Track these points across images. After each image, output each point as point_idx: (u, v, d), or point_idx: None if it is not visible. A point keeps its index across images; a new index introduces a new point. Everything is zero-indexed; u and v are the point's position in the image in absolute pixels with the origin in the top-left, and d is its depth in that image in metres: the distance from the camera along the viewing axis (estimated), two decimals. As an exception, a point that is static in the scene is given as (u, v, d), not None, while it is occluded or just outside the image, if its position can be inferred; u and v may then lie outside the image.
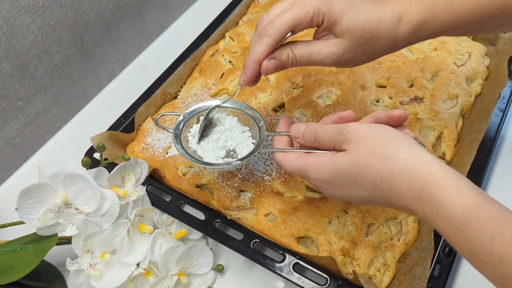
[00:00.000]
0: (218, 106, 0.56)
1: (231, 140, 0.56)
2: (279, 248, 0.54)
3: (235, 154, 0.55)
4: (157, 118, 0.59)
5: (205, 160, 0.54)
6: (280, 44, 0.47)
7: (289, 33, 0.46)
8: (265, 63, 0.47)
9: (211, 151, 0.55)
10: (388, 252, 0.55)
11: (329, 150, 0.44)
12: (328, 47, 0.47)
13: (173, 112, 0.60)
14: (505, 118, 0.64)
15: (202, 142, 0.56)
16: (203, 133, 0.57)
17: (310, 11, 0.45)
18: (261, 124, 0.54)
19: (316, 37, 0.49)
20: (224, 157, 0.55)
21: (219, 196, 0.60)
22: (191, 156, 0.53)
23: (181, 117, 0.56)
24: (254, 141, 0.56)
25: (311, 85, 0.70)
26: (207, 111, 0.55)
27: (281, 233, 0.56)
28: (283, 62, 0.48)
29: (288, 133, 0.49)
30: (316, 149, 0.46)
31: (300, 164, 0.45)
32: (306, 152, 0.46)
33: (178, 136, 0.55)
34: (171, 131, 0.55)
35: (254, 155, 0.52)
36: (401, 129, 0.45)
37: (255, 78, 0.49)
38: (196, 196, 0.61)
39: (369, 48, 0.47)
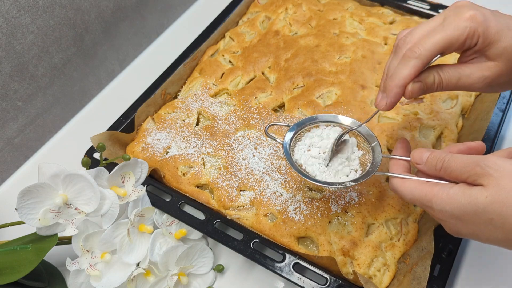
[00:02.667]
0: (350, 129, 0.51)
1: (340, 159, 0.52)
2: (279, 248, 0.54)
3: (343, 173, 0.51)
4: (267, 127, 0.54)
5: (316, 177, 0.51)
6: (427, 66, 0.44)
7: (438, 56, 0.44)
8: (411, 87, 0.44)
9: (317, 166, 0.52)
10: (388, 252, 0.55)
11: (457, 182, 0.41)
12: (480, 70, 0.44)
13: (280, 122, 0.57)
14: (505, 118, 0.63)
15: (310, 157, 0.52)
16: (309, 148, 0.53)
17: (465, 32, 0.42)
18: (374, 144, 0.51)
19: (463, 60, 0.45)
20: (333, 175, 0.51)
21: (219, 196, 0.60)
22: (300, 170, 0.50)
23: (290, 129, 0.53)
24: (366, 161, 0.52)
25: (311, 85, 0.70)
26: (341, 134, 0.51)
27: (281, 233, 0.56)
28: (428, 85, 0.45)
29: (406, 158, 0.46)
30: (440, 178, 0.42)
31: (423, 193, 0.42)
32: (427, 181, 0.43)
33: (288, 149, 0.52)
34: (280, 141, 0.53)
35: (366, 179, 0.49)
36: None
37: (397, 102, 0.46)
38: (196, 196, 0.61)
39: None
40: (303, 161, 0.52)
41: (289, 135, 0.53)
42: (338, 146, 0.52)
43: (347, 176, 0.51)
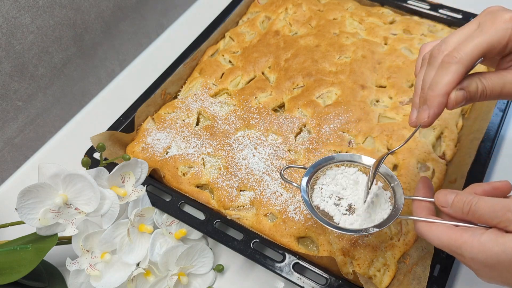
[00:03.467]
0: (378, 167, 0.47)
1: (360, 200, 0.50)
2: (279, 248, 0.54)
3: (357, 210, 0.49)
4: (282, 170, 0.52)
5: (334, 219, 0.49)
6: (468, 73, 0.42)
7: (480, 59, 0.41)
8: (454, 95, 0.41)
9: (334, 207, 0.50)
10: (388, 252, 0.55)
11: (486, 226, 0.39)
12: None
13: (297, 165, 0.55)
14: (505, 118, 0.63)
15: (330, 204, 0.50)
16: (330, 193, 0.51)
17: (507, 34, 0.39)
18: (394, 185, 0.48)
19: (503, 66, 0.43)
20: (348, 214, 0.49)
21: (219, 196, 0.60)
22: (321, 217, 0.48)
23: (306, 172, 0.51)
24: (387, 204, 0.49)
25: (311, 85, 0.70)
26: (369, 176, 0.47)
27: (281, 233, 0.56)
28: (471, 94, 0.41)
29: (430, 200, 0.45)
30: (468, 222, 0.41)
31: (452, 239, 0.40)
32: (456, 225, 0.41)
33: (305, 192, 0.50)
34: (297, 186, 0.50)
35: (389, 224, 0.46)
36: None
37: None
38: (196, 196, 0.61)
39: None
40: (323, 206, 0.50)
41: (305, 179, 0.50)
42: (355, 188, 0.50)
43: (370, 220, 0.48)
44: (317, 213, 0.49)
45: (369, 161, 0.51)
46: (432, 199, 0.45)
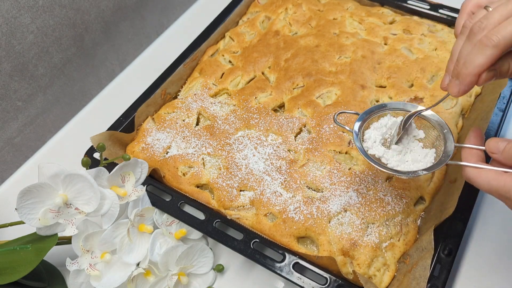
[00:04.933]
0: (418, 113, 0.50)
1: (408, 148, 0.51)
2: (279, 248, 0.54)
3: (413, 161, 0.50)
4: (336, 114, 0.54)
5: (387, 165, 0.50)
6: None
7: None
8: (486, 76, 0.43)
9: (390, 156, 0.51)
10: (388, 252, 0.55)
11: None
12: None
13: (348, 111, 0.56)
14: (505, 118, 0.63)
15: (378, 147, 0.51)
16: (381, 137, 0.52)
17: None
18: (445, 131, 0.49)
19: None
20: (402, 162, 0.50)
21: (219, 196, 0.60)
22: (371, 158, 0.50)
23: (359, 118, 0.53)
24: (434, 150, 0.50)
25: (311, 85, 0.70)
26: (405, 117, 0.50)
27: (281, 233, 0.56)
28: (502, 74, 0.43)
29: (480, 147, 0.45)
30: None
31: (501, 183, 0.41)
32: (505, 171, 0.42)
33: (357, 137, 0.51)
34: (350, 130, 0.52)
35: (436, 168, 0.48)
36: None
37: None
38: (196, 196, 0.61)
39: None
40: (373, 150, 0.51)
41: (357, 124, 0.52)
42: (406, 134, 0.51)
43: (418, 164, 0.50)
44: (367, 155, 0.50)
45: (419, 109, 0.52)
46: (483, 147, 0.45)
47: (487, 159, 0.45)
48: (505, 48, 0.41)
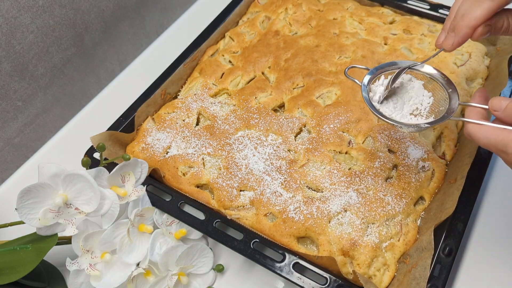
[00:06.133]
0: (409, 67, 0.52)
1: (414, 104, 0.53)
2: (279, 248, 0.54)
3: (417, 118, 0.52)
4: (347, 69, 0.55)
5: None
6: None
7: None
8: (481, 30, 0.45)
9: (394, 112, 0.52)
10: (388, 252, 0.55)
11: None
12: None
13: (359, 65, 0.57)
14: (505, 118, 0.63)
15: (385, 102, 0.53)
16: (388, 94, 0.54)
17: None
18: (450, 91, 0.51)
19: None
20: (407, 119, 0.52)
21: (219, 196, 0.60)
22: (378, 111, 0.51)
23: (369, 72, 0.54)
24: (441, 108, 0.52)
25: (311, 85, 0.70)
26: (398, 70, 0.52)
27: (281, 233, 0.56)
28: (497, 30, 0.45)
29: (483, 106, 0.46)
30: None
31: (499, 138, 0.42)
32: (504, 128, 0.43)
33: (365, 89, 0.53)
34: (359, 83, 0.53)
35: (439, 123, 0.49)
36: None
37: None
38: (196, 196, 0.61)
39: None
40: (378, 106, 0.52)
41: (367, 77, 0.53)
42: (407, 90, 0.53)
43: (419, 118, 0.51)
44: (374, 108, 0.51)
45: (429, 69, 0.53)
46: (486, 106, 0.46)
47: (491, 119, 0.47)
48: (503, 2, 0.43)
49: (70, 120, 0.79)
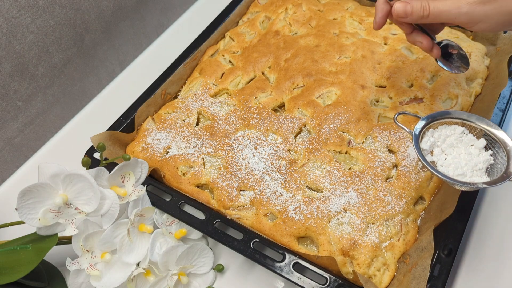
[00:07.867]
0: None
1: (470, 160, 0.51)
2: (279, 248, 0.54)
3: (469, 174, 0.50)
4: (396, 115, 0.55)
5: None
6: None
7: None
8: (396, 5, 0.48)
9: (444, 163, 0.51)
10: (388, 252, 0.55)
11: None
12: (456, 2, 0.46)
13: (409, 112, 0.56)
14: (505, 118, 0.63)
15: (436, 153, 0.52)
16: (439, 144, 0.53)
17: None
18: (509, 148, 0.49)
19: None
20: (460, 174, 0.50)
21: (219, 196, 0.60)
22: (428, 163, 0.50)
23: (421, 119, 0.53)
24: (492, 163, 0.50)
25: (311, 85, 0.71)
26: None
27: (281, 233, 0.56)
28: (414, 9, 0.47)
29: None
30: None
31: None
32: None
33: (417, 140, 0.52)
34: (410, 131, 0.52)
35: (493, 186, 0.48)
36: None
37: (386, 21, 0.50)
38: (196, 196, 0.61)
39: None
40: (430, 158, 0.52)
41: (419, 126, 0.53)
42: (462, 144, 0.52)
43: (477, 176, 0.50)
44: (426, 160, 0.50)
45: (483, 122, 0.52)
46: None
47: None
48: None
49: (70, 120, 0.79)
